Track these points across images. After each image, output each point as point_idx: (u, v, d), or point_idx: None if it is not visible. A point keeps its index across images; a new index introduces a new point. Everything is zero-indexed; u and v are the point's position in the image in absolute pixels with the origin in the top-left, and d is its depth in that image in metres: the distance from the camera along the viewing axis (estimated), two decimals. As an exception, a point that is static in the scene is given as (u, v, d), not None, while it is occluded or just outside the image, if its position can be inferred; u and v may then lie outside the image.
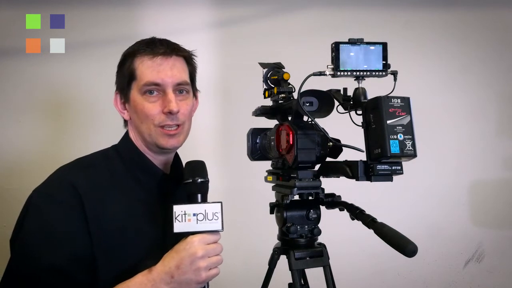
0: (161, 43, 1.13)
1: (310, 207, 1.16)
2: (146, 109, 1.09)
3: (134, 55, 1.12)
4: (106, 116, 1.94)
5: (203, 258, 0.95)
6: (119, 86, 1.16)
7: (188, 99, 1.15)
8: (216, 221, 0.97)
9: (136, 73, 1.10)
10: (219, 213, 0.97)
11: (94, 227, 1.01)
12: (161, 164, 1.18)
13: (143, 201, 1.11)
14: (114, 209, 1.06)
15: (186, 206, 0.97)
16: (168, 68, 1.10)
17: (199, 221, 0.96)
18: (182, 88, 1.13)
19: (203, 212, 0.97)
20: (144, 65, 1.10)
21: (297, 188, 1.11)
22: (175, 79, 1.10)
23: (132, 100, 1.12)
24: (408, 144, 0.95)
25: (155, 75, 1.09)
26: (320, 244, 1.19)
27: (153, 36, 1.16)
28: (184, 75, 1.14)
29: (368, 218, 1.03)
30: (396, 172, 0.99)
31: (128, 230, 1.06)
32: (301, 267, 1.16)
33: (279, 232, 1.22)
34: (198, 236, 0.96)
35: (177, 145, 1.14)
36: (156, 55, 1.10)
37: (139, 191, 1.12)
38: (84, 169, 1.09)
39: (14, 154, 1.99)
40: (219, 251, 0.98)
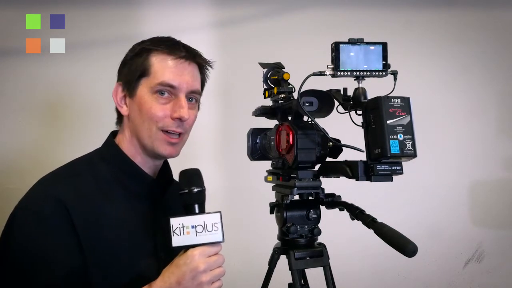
0: (184, 46, 1.10)
1: (310, 207, 1.16)
2: (153, 109, 1.04)
3: (151, 51, 1.07)
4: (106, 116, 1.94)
5: (205, 272, 0.91)
6: (124, 78, 1.10)
7: (195, 109, 1.12)
8: (216, 232, 0.93)
9: (150, 70, 1.05)
10: (218, 224, 0.94)
11: (85, 239, 0.96)
12: (151, 168, 1.13)
13: (132, 209, 1.07)
14: (104, 219, 1.01)
15: (184, 219, 0.93)
16: (187, 73, 1.07)
17: (199, 233, 0.92)
18: (193, 96, 1.10)
19: (202, 224, 0.93)
20: (164, 64, 1.05)
21: (297, 188, 1.11)
22: (190, 86, 1.07)
23: (139, 96, 1.06)
24: (408, 144, 0.95)
25: (173, 77, 1.04)
26: (320, 244, 1.19)
27: (170, 36, 1.13)
28: (197, 83, 1.11)
29: (368, 218, 1.03)
30: (396, 172, 0.99)
31: (120, 240, 1.02)
32: (301, 267, 1.16)
33: (279, 232, 1.22)
34: (199, 249, 0.92)
35: (175, 155, 1.10)
36: (178, 58, 1.06)
37: (128, 198, 1.07)
38: (68, 179, 1.03)
39: (14, 154, 1.98)
40: (221, 263, 0.94)
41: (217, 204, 1.38)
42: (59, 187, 1.00)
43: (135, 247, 1.04)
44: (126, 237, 1.03)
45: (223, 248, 0.98)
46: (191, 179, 1.00)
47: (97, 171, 1.07)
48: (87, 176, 1.05)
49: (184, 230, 0.92)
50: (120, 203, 1.06)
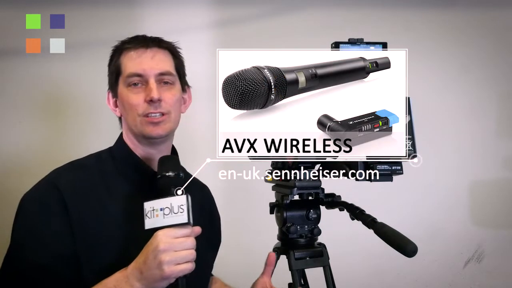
0: (144, 36, 1.16)
1: (310, 207, 1.16)
2: (130, 100, 1.10)
3: (120, 51, 1.15)
4: (107, 116, 1.94)
5: (165, 252, 0.91)
6: (109, 83, 1.19)
7: (173, 89, 1.15)
8: (181, 214, 0.94)
9: (121, 68, 1.13)
10: (184, 206, 0.94)
11: (77, 228, 1.02)
12: (155, 160, 1.15)
13: (136, 203, 1.07)
14: (100, 210, 1.06)
15: (154, 202, 0.96)
16: (148, 58, 1.11)
17: (166, 216, 0.94)
18: (165, 79, 1.13)
19: (169, 206, 0.94)
20: (128, 58, 1.12)
21: (297, 188, 1.11)
22: (156, 69, 1.11)
23: (119, 94, 1.14)
24: (408, 144, 0.95)
25: (136, 66, 1.11)
26: (320, 244, 1.19)
27: None
28: (168, 66, 1.14)
29: (368, 218, 1.03)
30: (396, 172, 0.99)
31: (114, 232, 1.06)
32: (301, 267, 1.16)
33: (279, 232, 1.22)
34: (163, 230, 0.94)
35: (163, 134, 1.13)
36: (139, 47, 1.12)
37: (132, 192, 1.12)
38: (72, 171, 1.11)
39: (14, 154, 1.98)
40: (190, 246, 0.94)
41: (217, 204, 1.39)
42: (61, 177, 1.07)
43: (129, 240, 1.06)
44: (119, 224, 1.07)
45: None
46: (166, 164, 1.03)
47: (103, 165, 1.14)
48: (93, 169, 1.12)
49: (154, 213, 0.95)
50: (124, 197, 1.10)
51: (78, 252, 1.01)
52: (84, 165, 1.14)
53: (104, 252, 1.03)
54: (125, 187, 1.12)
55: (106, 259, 1.03)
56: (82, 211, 1.04)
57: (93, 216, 1.05)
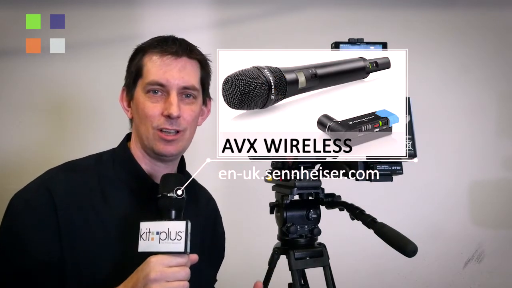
0: (174, 41, 1.07)
1: (310, 207, 1.16)
2: (146, 109, 1.04)
3: (145, 51, 1.07)
4: (107, 117, 1.94)
5: (156, 282, 0.85)
6: (126, 82, 1.12)
7: (194, 104, 1.09)
8: (179, 241, 0.87)
9: (143, 70, 1.06)
10: (182, 233, 0.88)
11: (66, 235, 0.96)
12: (159, 172, 1.08)
13: (132, 211, 1.04)
14: (92, 216, 1.00)
15: (151, 224, 0.89)
16: (176, 69, 1.04)
17: (162, 241, 0.88)
18: (189, 92, 1.07)
19: (166, 231, 0.88)
20: (152, 62, 1.05)
21: (297, 188, 1.11)
22: (181, 82, 1.04)
23: (136, 98, 1.07)
24: (408, 144, 0.95)
25: (161, 75, 1.03)
26: (320, 244, 1.19)
27: (172, 35, 1.11)
28: (194, 79, 1.07)
29: (368, 218, 1.03)
30: (396, 172, 0.99)
31: (102, 239, 0.99)
32: (301, 267, 1.16)
33: (279, 232, 1.22)
34: (157, 257, 0.87)
35: (175, 153, 1.07)
36: (166, 54, 1.05)
37: (129, 200, 1.06)
38: (67, 172, 1.04)
39: (14, 154, 1.98)
40: (183, 277, 0.87)
41: (217, 204, 1.39)
42: (54, 180, 1.02)
43: (115, 248, 1.00)
44: (112, 236, 1.00)
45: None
46: (168, 184, 0.95)
47: (103, 168, 1.08)
48: (90, 172, 1.06)
49: (149, 235, 0.89)
50: (119, 205, 1.04)
51: (65, 261, 0.96)
52: (81, 166, 1.07)
53: (92, 265, 0.97)
54: (122, 194, 1.06)
55: (93, 272, 0.97)
56: (72, 217, 0.98)
57: (84, 224, 0.99)
